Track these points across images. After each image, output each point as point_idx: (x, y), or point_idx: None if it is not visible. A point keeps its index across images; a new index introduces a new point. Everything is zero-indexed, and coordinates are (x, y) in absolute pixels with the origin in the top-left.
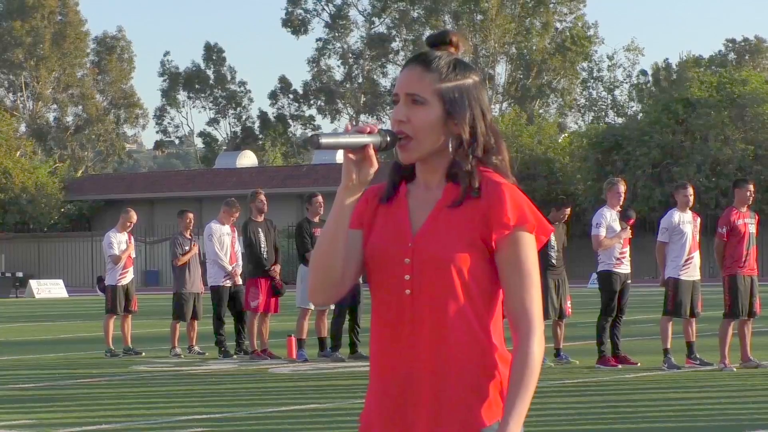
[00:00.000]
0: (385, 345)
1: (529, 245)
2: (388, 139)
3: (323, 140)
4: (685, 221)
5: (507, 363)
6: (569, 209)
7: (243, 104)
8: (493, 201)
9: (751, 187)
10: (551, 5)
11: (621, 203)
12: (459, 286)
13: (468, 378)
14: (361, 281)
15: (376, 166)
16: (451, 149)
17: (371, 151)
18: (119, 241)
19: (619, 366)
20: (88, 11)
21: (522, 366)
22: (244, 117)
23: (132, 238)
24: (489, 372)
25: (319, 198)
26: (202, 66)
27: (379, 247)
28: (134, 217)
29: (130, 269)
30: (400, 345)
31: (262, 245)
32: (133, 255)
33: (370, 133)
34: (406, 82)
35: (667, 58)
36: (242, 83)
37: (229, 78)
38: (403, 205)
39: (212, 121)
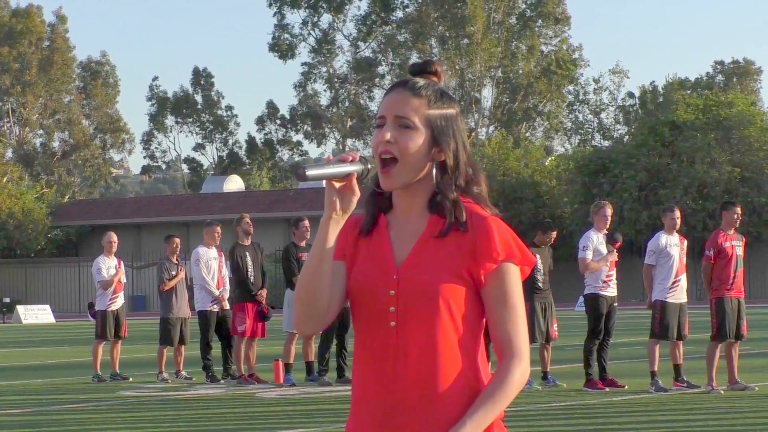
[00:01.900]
0: (368, 376)
1: (515, 278)
2: (369, 166)
3: (309, 172)
4: (672, 244)
5: None
6: (555, 233)
7: (230, 129)
8: (480, 234)
9: (739, 210)
10: (536, 28)
11: (608, 226)
12: (445, 318)
13: (453, 410)
14: (348, 305)
15: (358, 194)
16: (435, 177)
17: (354, 180)
18: (108, 266)
19: (607, 389)
20: (75, 37)
21: (498, 383)
22: (231, 142)
23: (122, 263)
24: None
25: (306, 222)
26: (190, 91)
27: (362, 279)
28: (114, 237)
29: (120, 294)
30: (384, 376)
31: (250, 269)
32: (123, 280)
33: (352, 161)
34: (393, 105)
35: (653, 81)
36: (230, 108)
37: (216, 103)
38: (384, 237)
39: (198, 147)
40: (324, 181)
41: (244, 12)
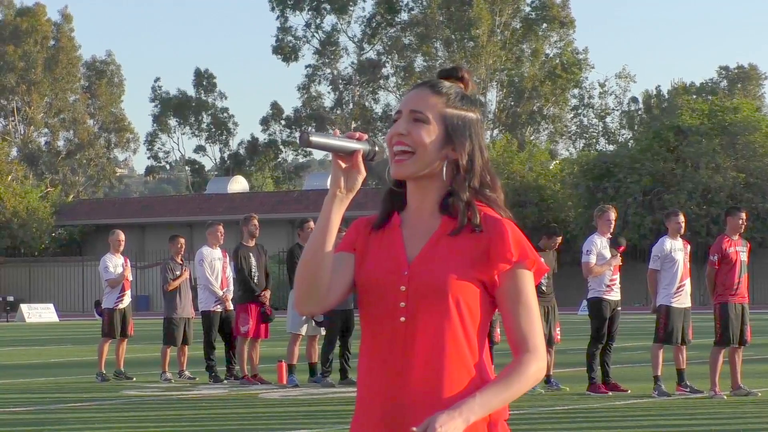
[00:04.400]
0: (375, 372)
1: (528, 279)
2: (377, 148)
3: (313, 138)
4: (677, 248)
5: None
6: (560, 238)
7: (233, 131)
8: (494, 236)
9: (743, 215)
10: (540, 32)
11: (611, 230)
12: (454, 315)
13: None
14: (353, 307)
15: (363, 174)
16: (445, 174)
17: (360, 158)
18: (115, 264)
19: (610, 393)
20: (80, 36)
21: (513, 371)
22: (234, 143)
23: (128, 261)
24: None
25: (311, 224)
26: (194, 92)
27: (373, 274)
28: (121, 236)
29: (128, 293)
30: (392, 373)
31: (253, 270)
32: (131, 278)
33: (359, 139)
34: (411, 100)
35: (658, 86)
36: (225, 110)
37: (219, 104)
38: (397, 234)
39: (199, 149)
40: (331, 158)
41: (249, 14)
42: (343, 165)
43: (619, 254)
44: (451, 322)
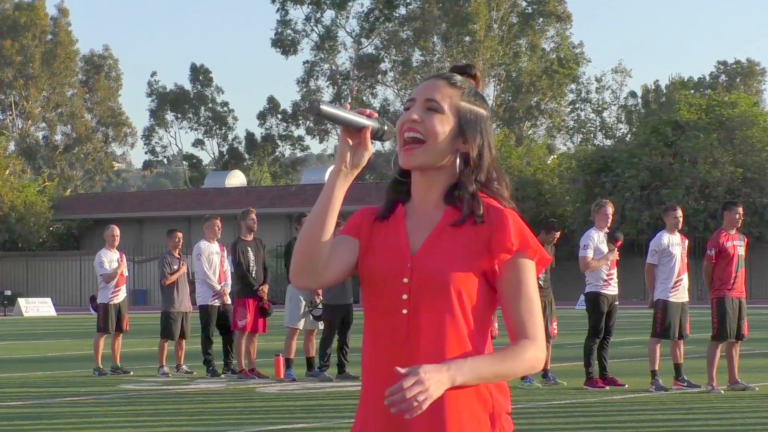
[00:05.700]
0: (379, 364)
1: (529, 270)
2: (386, 127)
3: (324, 107)
4: (674, 243)
5: (499, 388)
6: (559, 232)
7: (230, 125)
8: (496, 226)
9: (741, 210)
10: (537, 27)
11: (609, 225)
12: (456, 308)
13: (462, 401)
14: (352, 301)
15: (370, 151)
16: (458, 167)
17: (368, 135)
18: (110, 259)
19: (607, 387)
20: (77, 30)
21: (509, 350)
22: (231, 137)
23: (124, 256)
24: (482, 396)
25: None
26: (190, 87)
27: (376, 265)
28: (116, 230)
29: (123, 287)
30: (395, 364)
31: (251, 264)
32: (126, 273)
33: (369, 117)
34: (426, 89)
35: (656, 80)
36: (225, 104)
37: (216, 99)
38: (401, 225)
39: (197, 143)
40: (339, 132)
41: (246, 8)
42: (351, 141)
43: (616, 249)
44: (454, 314)
